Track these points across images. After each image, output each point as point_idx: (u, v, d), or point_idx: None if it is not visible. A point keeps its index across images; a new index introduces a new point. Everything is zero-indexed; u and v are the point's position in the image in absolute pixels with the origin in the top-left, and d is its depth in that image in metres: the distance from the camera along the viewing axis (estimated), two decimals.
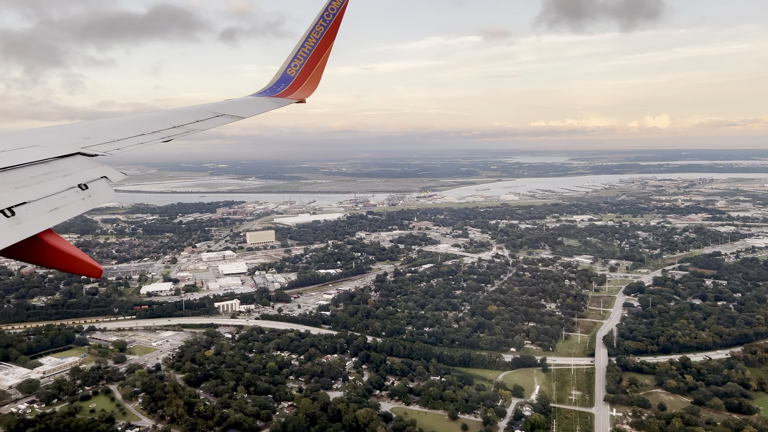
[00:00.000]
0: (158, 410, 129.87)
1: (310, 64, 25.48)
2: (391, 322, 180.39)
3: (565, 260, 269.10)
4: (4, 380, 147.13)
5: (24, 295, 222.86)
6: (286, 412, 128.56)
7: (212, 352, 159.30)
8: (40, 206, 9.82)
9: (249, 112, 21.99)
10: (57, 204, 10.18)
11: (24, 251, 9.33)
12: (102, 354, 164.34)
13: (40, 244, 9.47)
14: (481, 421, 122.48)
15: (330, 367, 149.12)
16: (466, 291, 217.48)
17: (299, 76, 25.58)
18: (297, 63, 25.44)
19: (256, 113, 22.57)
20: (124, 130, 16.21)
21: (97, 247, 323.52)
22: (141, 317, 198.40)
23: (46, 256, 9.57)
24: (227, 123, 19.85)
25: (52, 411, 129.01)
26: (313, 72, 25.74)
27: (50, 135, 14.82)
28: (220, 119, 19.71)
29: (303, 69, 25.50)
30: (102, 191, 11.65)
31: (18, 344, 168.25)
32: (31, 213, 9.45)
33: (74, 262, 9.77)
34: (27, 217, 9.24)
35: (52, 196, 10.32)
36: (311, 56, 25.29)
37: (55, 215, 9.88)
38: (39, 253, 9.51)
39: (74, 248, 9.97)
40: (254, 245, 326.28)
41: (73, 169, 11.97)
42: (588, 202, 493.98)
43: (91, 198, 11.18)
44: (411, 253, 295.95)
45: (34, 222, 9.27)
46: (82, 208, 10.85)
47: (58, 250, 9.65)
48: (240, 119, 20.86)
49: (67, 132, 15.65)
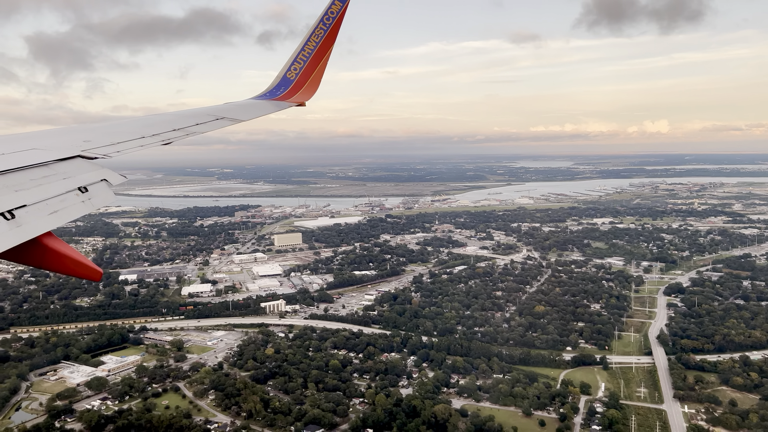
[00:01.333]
0: (232, 407, 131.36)
1: (310, 67, 25.58)
2: (442, 322, 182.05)
3: (597, 262, 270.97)
4: (71, 378, 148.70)
5: (67, 296, 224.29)
6: (358, 408, 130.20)
7: (272, 350, 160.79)
8: (40, 209, 9.76)
9: (249, 116, 22.06)
10: (57, 207, 10.10)
11: (24, 254, 9.31)
12: (161, 353, 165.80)
13: (40, 247, 9.45)
14: (554, 417, 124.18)
15: (393, 365, 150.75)
16: (506, 292, 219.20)
17: (299, 79, 25.64)
18: (297, 66, 25.54)
19: (255, 116, 22.54)
20: (124, 133, 16.13)
21: (125, 250, 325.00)
22: (189, 317, 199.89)
23: (46, 259, 9.52)
24: (227, 126, 19.96)
25: (128, 408, 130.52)
26: (312, 75, 25.87)
27: (50, 138, 14.86)
28: (219, 122, 19.76)
29: (303, 72, 25.58)
30: (102, 194, 11.60)
31: (75, 344, 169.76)
32: (31, 216, 9.39)
33: (74, 265, 9.75)
34: (27, 220, 9.20)
35: (52, 199, 10.25)
36: (311, 60, 25.41)
37: (55, 218, 9.80)
38: (39, 255, 9.49)
39: (74, 251, 9.98)
40: (282, 247, 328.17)
41: (73, 172, 11.92)
42: (604, 206, 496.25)
43: (91, 201, 11.08)
44: (440, 255, 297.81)
45: (34, 225, 9.23)
46: (82, 210, 10.74)
47: (58, 252, 9.62)
48: (239, 122, 20.91)
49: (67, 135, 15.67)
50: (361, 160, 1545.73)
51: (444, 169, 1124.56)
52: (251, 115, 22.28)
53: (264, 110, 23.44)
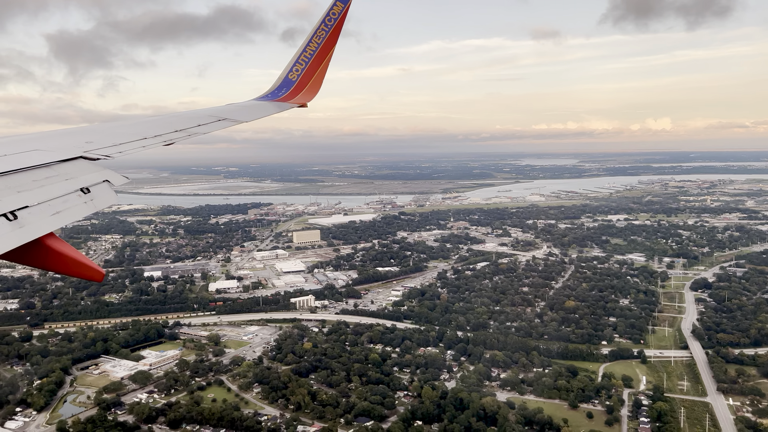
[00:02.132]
0: (279, 399, 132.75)
1: (312, 68, 25.61)
2: (474, 317, 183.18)
3: (618, 258, 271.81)
4: (114, 372, 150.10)
5: (95, 292, 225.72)
6: (404, 401, 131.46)
7: (310, 344, 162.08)
8: (43, 210, 9.78)
9: (250, 117, 22.06)
10: (59, 208, 10.12)
11: (26, 255, 9.34)
12: (199, 348, 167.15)
13: (42, 247, 9.47)
14: (600, 410, 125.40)
15: (432, 359, 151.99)
16: (533, 287, 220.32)
17: (301, 80, 25.66)
18: (299, 67, 25.55)
19: (257, 117, 22.56)
20: (127, 134, 16.13)
21: (145, 247, 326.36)
22: (220, 313, 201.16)
23: (48, 260, 9.56)
24: (229, 127, 20.04)
25: (176, 401, 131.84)
26: (314, 76, 25.90)
27: (53, 139, 14.88)
28: (221, 123, 19.82)
29: (305, 73, 25.59)
30: (104, 195, 11.60)
31: (113, 339, 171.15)
32: (34, 217, 9.41)
33: (77, 266, 9.77)
34: (29, 221, 9.22)
35: (54, 200, 10.26)
36: (313, 61, 25.41)
37: (57, 219, 9.83)
38: (42, 256, 9.51)
39: (77, 252, 9.96)
40: (301, 244, 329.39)
41: (76, 173, 11.95)
42: (616, 203, 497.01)
43: (93, 202, 11.09)
44: (460, 252, 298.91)
45: (37, 226, 9.26)
46: (84, 211, 10.75)
47: (60, 253, 9.64)
48: (241, 123, 20.98)
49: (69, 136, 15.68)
50: (366, 158, 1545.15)
51: (450, 167, 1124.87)
52: (253, 116, 22.39)
53: (266, 111, 23.56)
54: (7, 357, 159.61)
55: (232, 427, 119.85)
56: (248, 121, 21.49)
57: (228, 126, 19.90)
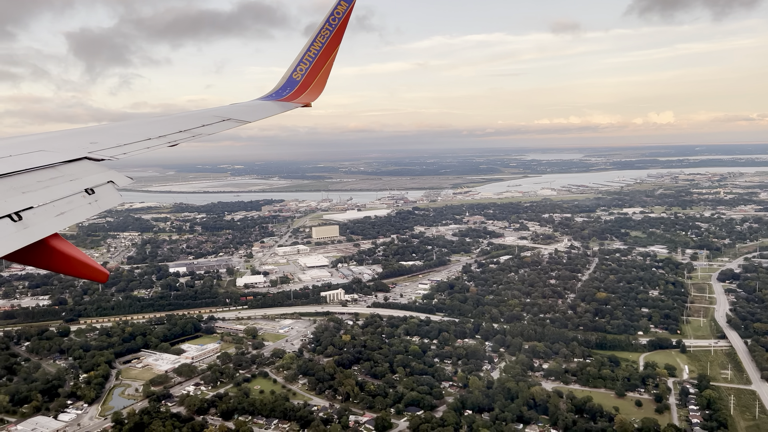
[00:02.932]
0: (326, 390, 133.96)
1: (316, 68, 25.56)
2: (507, 309, 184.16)
3: (640, 250, 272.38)
4: (157, 365, 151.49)
5: (124, 288, 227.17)
6: (450, 391, 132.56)
7: (348, 336, 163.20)
8: (47, 211, 9.78)
9: (254, 117, 22.03)
10: (64, 208, 10.13)
11: (31, 255, 9.37)
12: (237, 341, 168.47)
13: (47, 248, 9.50)
14: (648, 398, 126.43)
15: (473, 350, 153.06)
16: (560, 280, 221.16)
17: (305, 80, 25.59)
18: (303, 67, 25.52)
19: (261, 117, 22.52)
20: (131, 135, 16.19)
21: (165, 244, 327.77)
22: (252, 307, 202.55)
23: (53, 261, 9.58)
24: (233, 127, 20.05)
25: (225, 393, 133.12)
26: (318, 76, 25.83)
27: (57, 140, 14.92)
28: (225, 123, 19.87)
29: (309, 73, 25.57)
30: (108, 196, 11.63)
31: (151, 333, 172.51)
32: (38, 217, 9.44)
33: (81, 267, 9.78)
34: (34, 222, 9.24)
35: (58, 201, 10.26)
36: (317, 60, 25.38)
37: (61, 220, 9.84)
38: (46, 257, 9.54)
39: (81, 252, 10.00)
40: (320, 239, 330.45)
41: (80, 174, 11.97)
42: (629, 196, 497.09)
43: (97, 202, 11.12)
44: (481, 245, 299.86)
45: (41, 226, 9.28)
46: (88, 212, 10.77)
47: (64, 254, 9.65)
48: (245, 123, 20.96)
49: (73, 137, 15.75)
50: (369, 155, 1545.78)
51: (455, 163, 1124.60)
52: (257, 116, 22.38)
53: (270, 111, 23.54)
54: (49, 351, 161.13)
55: (284, 418, 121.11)
56: (252, 121, 21.49)
57: (232, 127, 19.99)
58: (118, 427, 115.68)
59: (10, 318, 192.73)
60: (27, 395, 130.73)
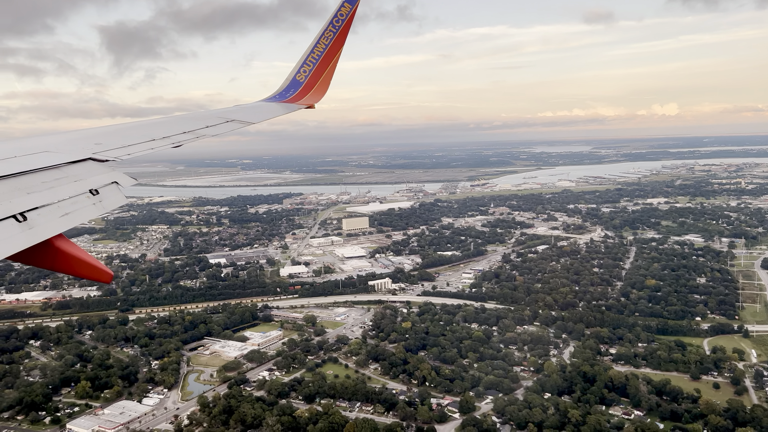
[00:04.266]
0: (400, 375, 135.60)
1: (320, 69, 25.47)
2: (560, 297, 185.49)
3: (676, 239, 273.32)
4: (225, 352, 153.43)
5: (170, 279, 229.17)
6: (523, 375, 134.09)
7: (409, 324, 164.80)
8: (52, 211, 9.80)
9: (258, 118, 22.12)
10: (68, 209, 10.16)
11: (36, 256, 9.39)
12: (297, 329, 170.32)
13: (51, 248, 9.53)
14: (723, 381, 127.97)
15: (537, 336, 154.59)
16: (604, 268, 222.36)
17: (308, 81, 25.56)
18: (306, 68, 25.44)
19: (265, 119, 22.57)
20: (135, 136, 16.29)
21: (197, 236, 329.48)
22: (302, 296, 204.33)
23: (57, 261, 9.61)
24: (236, 129, 20.11)
25: (300, 377, 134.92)
26: (322, 77, 25.77)
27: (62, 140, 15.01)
28: (229, 125, 19.98)
29: (312, 74, 25.49)
30: (113, 196, 11.67)
31: (211, 321, 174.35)
32: (43, 218, 9.45)
33: (85, 267, 9.83)
34: (39, 222, 9.26)
35: (63, 201, 10.29)
36: (320, 62, 25.28)
37: (66, 220, 9.86)
38: (51, 257, 9.57)
39: (85, 253, 10.01)
40: (351, 231, 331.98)
41: (85, 175, 12.01)
42: (650, 186, 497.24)
43: (102, 203, 11.15)
44: (513, 236, 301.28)
45: (46, 227, 9.30)
46: (93, 213, 10.76)
47: (69, 255, 9.69)
48: (249, 125, 21.05)
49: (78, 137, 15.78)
50: (374, 149, 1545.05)
51: (464, 156, 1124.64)
52: (260, 117, 22.38)
53: (273, 112, 23.58)
54: (115, 339, 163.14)
55: (366, 401, 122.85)
56: (256, 122, 21.55)
57: (236, 128, 20.04)
58: (207, 410, 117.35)
59: (65, 308, 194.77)
60: (107, 381, 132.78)
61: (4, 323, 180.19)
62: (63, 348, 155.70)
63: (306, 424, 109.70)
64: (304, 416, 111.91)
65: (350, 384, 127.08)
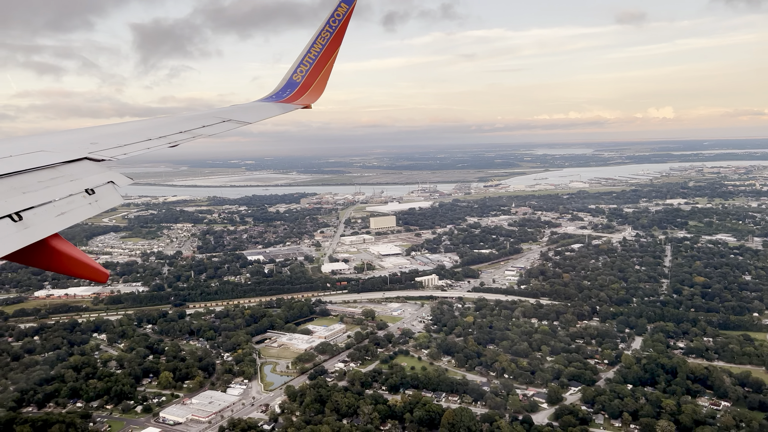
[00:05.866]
0: (476, 367, 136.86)
1: (316, 69, 25.55)
2: (613, 293, 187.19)
3: (707, 238, 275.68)
4: (294, 344, 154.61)
5: (213, 275, 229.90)
6: (599, 367, 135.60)
7: (471, 318, 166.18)
8: (47, 211, 9.76)
9: (255, 118, 22.16)
10: (64, 209, 10.12)
11: (31, 256, 9.33)
12: (357, 322, 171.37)
13: (47, 248, 9.47)
14: None
15: (602, 330, 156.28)
16: (647, 266, 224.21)
17: (305, 81, 25.60)
18: (303, 69, 25.48)
19: (261, 119, 22.57)
20: (131, 136, 16.28)
21: (225, 234, 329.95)
22: (352, 291, 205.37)
23: (53, 261, 9.56)
24: (233, 128, 20.15)
25: (376, 369, 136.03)
26: (318, 78, 25.83)
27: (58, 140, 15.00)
28: (225, 125, 20.02)
29: (309, 75, 25.55)
30: (109, 196, 11.63)
31: (269, 315, 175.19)
32: (39, 217, 9.42)
33: (81, 267, 9.77)
34: (34, 222, 9.23)
35: (59, 201, 10.25)
36: (317, 62, 25.37)
37: (62, 220, 9.82)
38: (46, 257, 9.51)
39: (81, 253, 9.96)
40: (380, 229, 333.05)
41: (80, 174, 11.96)
42: (666, 188, 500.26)
43: (98, 203, 11.11)
44: (544, 235, 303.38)
45: (42, 226, 9.27)
46: (89, 212, 10.70)
47: (64, 254, 9.64)
48: (245, 124, 21.10)
49: (74, 137, 15.77)
50: (374, 150, 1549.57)
51: (467, 158, 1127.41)
52: (257, 117, 22.45)
53: (270, 112, 23.60)
54: (180, 332, 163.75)
55: (451, 391, 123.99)
56: (252, 122, 21.63)
57: (232, 128, 20.11)
58: (298, 400, 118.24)
59: (117, 303, 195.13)
60: (187, 372, 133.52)
61: (61, 317, 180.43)
62: (130, 341, 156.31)
63: (402, 412, 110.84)
64: (399, 405, 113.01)
65: (433, 375, 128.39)
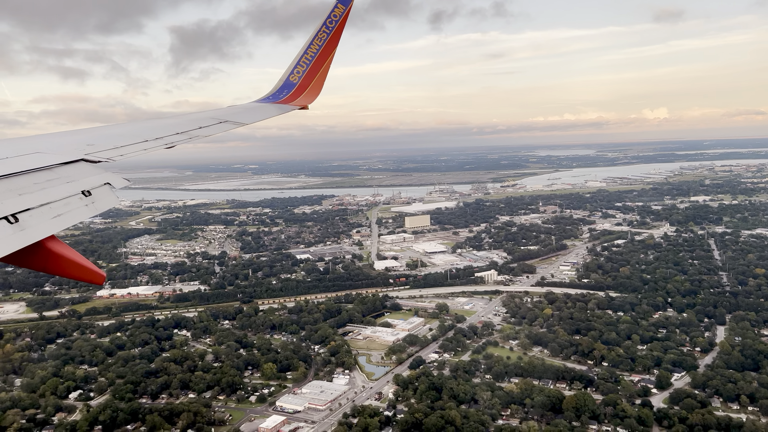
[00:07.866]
0: (571, 356, 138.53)
1: (313, 70, 25.57)
2: (679, 285, 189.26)
3: (747, 233, 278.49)
4: (381, 337, 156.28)
5: (269, 273, 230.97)
6: (695, 354, 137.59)
7: (550, 310, 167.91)
8: (44, 213, 9.74)
9: (251, 119, 22.11)
10: (60, 210, 10.11)
11: (27, 258, 9.31)
12: (433, 316, 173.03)
13: (43, 250, 9.45)
14: None
15: (685, 320, 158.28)
16: (700, 260, 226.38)
17: (302, 82, 25.58)
18: (300, 69, 25.48)
19: (258, 120, 22.62)
20: (128, 137, 16.22)
21: (263, 235, 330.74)
22: (414, 287, 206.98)
23: (49, 263, 9.53)
24: (230, 129, 20.14)
25: (471, 359, 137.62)
26: (315, 79, 25.84)
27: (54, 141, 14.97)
28: (222, 126, 20.01)
29: (306, 76, 25.55)
30: (105, 197, 11.60)
31: (344, 310, 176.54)
32: (35, 219, 9.39)
33: (77, 269, 9.73)
34: (30, 224, 9.20)
35: (55, 203, 10.23)
36: (314, 63, 25.39)
37: (58, 222, 9.79)
38: (42, 259, 9.49)
39: (78, 255, 9.89)
40: (415, 228, 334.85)
41: (77, 176, 11.92)
42: (686, 186, 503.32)
43: (94, 204, 11.09)
44: (583, 232, 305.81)
45: (38, 228, 9.25)
46: (85, 214, 10.68)
47: (61, 256, 9.60)
48: (242, 125, 21.10)
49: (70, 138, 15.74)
50: (375, 153, 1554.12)
51: (470, 160, 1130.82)
52: (254, 118, 22.42)
53: (267, 113, 23.60)
54: (263, 326, 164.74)
55: (557, 378, 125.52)
56: (249, 123, 21.62)
57: (229, 129, 20.11)
58: (411, 387, 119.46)
59: (183, 300, 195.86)
60: (288, 363, 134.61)
61: (134, 315, 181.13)
62: (216, 336, 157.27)
63: (522, 398, 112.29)
64: (517, 391, 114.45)
65: (538, 363, 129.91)
